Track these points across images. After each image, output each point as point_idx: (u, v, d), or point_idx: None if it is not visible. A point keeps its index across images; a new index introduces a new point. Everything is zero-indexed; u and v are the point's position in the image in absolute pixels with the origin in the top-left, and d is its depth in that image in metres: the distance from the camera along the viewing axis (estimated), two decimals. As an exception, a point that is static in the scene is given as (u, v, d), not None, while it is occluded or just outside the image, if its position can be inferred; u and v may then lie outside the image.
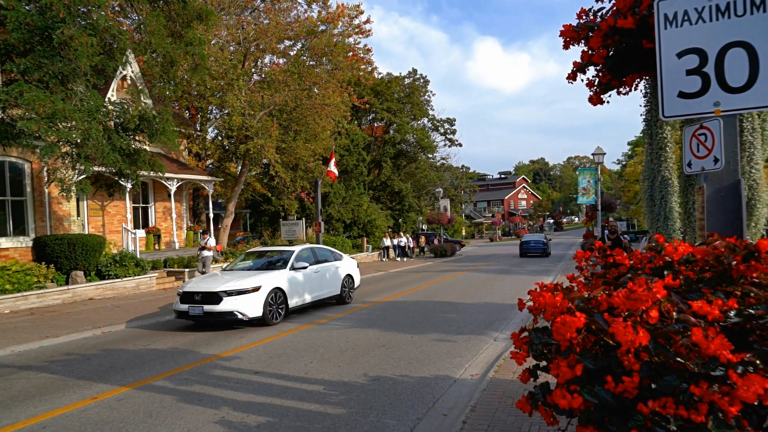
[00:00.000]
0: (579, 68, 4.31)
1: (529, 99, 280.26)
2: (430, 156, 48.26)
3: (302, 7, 26.07)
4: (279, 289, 10.36)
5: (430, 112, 47.12)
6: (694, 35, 3.31)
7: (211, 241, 16.95)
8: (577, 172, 35.19)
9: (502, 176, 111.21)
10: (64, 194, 12.19)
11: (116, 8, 18.32)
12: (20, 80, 10.35)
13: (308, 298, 11.37)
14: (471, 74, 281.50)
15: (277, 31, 23.17)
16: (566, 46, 4.24)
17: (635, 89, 4.48)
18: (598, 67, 4.27)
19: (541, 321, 2.80)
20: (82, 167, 12.01)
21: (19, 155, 14.92)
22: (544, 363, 2.71)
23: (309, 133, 24.65)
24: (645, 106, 6.83)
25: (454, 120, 49.58)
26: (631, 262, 2.96)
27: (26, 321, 10.97)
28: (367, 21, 28.95)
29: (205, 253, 16.51)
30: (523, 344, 2.73)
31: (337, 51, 25.14)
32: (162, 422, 5.02)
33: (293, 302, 10.78)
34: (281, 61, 26.21)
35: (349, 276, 13.15)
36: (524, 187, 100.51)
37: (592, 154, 23.83)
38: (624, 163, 64.96)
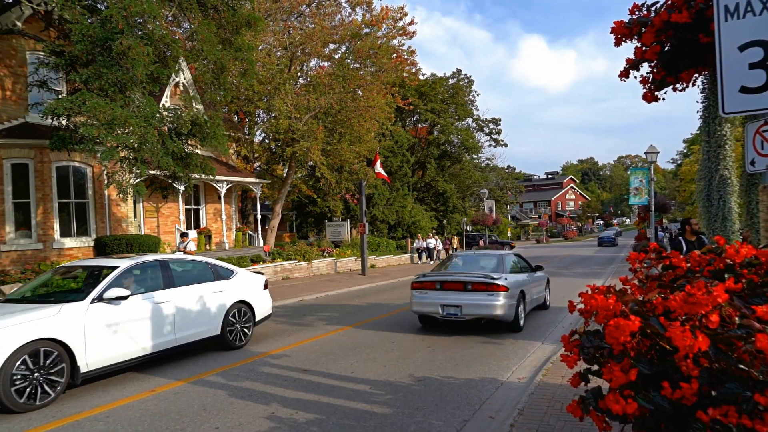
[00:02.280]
0: (632, 65, 4.19)
1: (576, 97, 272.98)
2: (475, 156, 47.81)
3: (346, 10, 26.42)
4: (53, 341, 5.74)
5: (475, 113, 46.72)
6: (758, 27, 3.16)
7: (191, 245, 14.21)
8: (628, 172, 33.98)
9: (549, 176, 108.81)
10: (122, 196, 12.80)
11: (170, 18, 19.10)
12: (83, 89, 10.94)
13: (134, 350, 6.61)
14: (515, 73, 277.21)
15: (322, 35, 23.55)
16: (618, 43, 4.13)
17: (693, 85, 4.31)
18: (652, 64, 4.14)
19: (592, 324, 2.74)
20: (139, 170, 12.57)
21: (82, 160, 15.77)
22: (595, 367, 2.66)
23: (354, 135, 24.91)
24: (702, 103, 6.54)
25: (499, 120, 48.95)
26: (689, 264, 2.86)
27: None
28: (411, 23, 28.99)
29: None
30: (574, 347, 2.69)
31: (381, 53, 25.31)
32: (215, 416, 5.20)
33: (94, 361, 6.09)
34: (326, 64, 26.62)
35: (243, 305, 8.47)
36: (572, 187, 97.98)
37: (645, 153, 22.96)
38: (679, 161, 62.31)
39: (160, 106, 13.87)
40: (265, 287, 9.25)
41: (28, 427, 4.99)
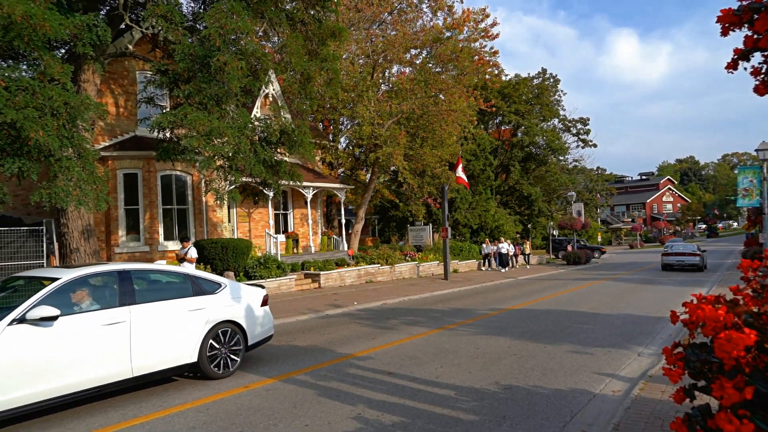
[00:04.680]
0: (741, 55, 3.85)
1: (672, 92, 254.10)
2: (562, 158, 46.00)
3: (427, 16, 26.54)
4: None
5: (561, 113, 44.99)
6: None
7: (192, 252, 12.71)
8: (736, 171, 31.15)
9: (643, 177, 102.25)
10: (218, 202, 13.65)
11: (260, 33, 20.17)
12: (184, 103, 11.84)
13: (68, 384, 5.30)
14: (604, 69, 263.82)
15: (403, 42, 23.78)
16: (725, 33, 3.81)
17: (815, 74, 3.88)
18: (765, 53, 3.78)
19: (698, 336, 2.56)
20: (233, 178, 13.37)
21: (183, 169, 17.03)
22: (702, 383, 2.47)
23: (435, 140, 24.90)
24: (827, 93, 5.87)
25: (588, 119, 46.79)
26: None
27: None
28: (494, 24, 28.55)
29: (186, 265, 12.21)
30: (678, 360, 2.52)
31: (463, 56, 25.12)
32: (305, 413, 5.40)
33: (6, 400, 4.89)
34: (407, 70, 26.82)
35: (231, 325, 7.04)
36: (669, 188, 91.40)
37: (756, 150, 20.94)
38: (797, 159, 56.02)
39: (252, 116, 14.68)
40: (264, 303, 7.71)
41: (139, 414, 5.46)
